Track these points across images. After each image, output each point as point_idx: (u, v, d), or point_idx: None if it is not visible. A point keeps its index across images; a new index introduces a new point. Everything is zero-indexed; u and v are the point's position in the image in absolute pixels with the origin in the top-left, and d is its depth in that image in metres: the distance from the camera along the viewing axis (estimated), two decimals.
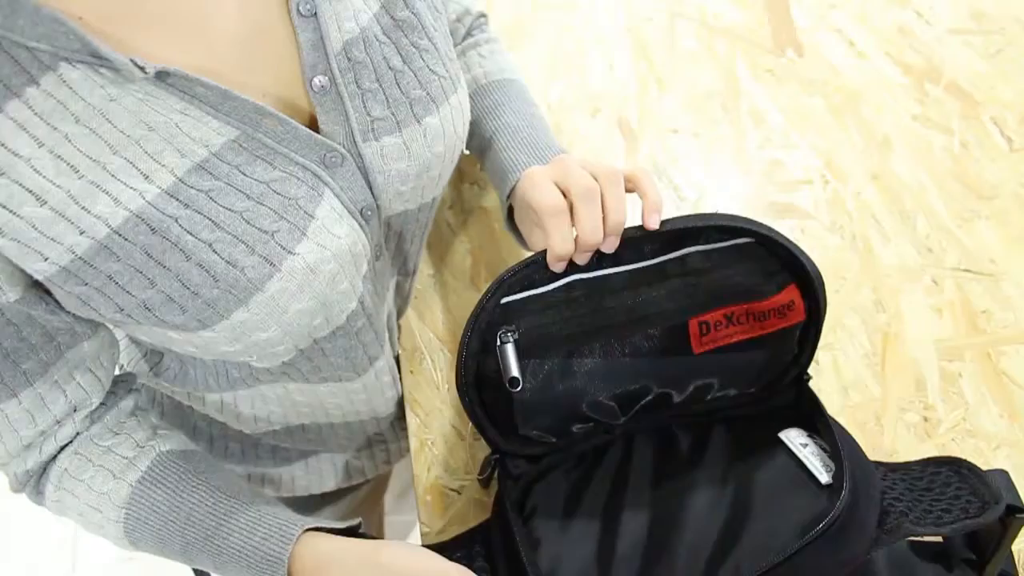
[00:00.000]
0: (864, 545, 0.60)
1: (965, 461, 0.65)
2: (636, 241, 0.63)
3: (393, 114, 0.62)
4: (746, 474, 0.64)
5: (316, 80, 0.59)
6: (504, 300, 0.63)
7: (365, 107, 0.61)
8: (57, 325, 0.58)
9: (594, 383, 0.67)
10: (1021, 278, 0.85)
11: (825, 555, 0.58)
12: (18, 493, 0.67)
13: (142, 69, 0.51)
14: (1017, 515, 0.61)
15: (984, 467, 0.71)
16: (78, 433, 0.64)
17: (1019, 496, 0.62)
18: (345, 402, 0.76)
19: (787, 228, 0.90)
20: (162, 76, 0.52)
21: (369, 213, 0.64)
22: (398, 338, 0.83)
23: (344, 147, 0.61)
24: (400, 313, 0.84)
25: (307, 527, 0.61)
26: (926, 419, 0.75)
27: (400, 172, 0.64)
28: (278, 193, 0.57)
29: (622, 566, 0.61)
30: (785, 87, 1.04)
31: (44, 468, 0.65)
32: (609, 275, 0.64)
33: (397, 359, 0.81)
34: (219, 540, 0.61)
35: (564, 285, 0.64)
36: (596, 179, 0.63)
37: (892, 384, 0.78)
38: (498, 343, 0.63)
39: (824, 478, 0.63)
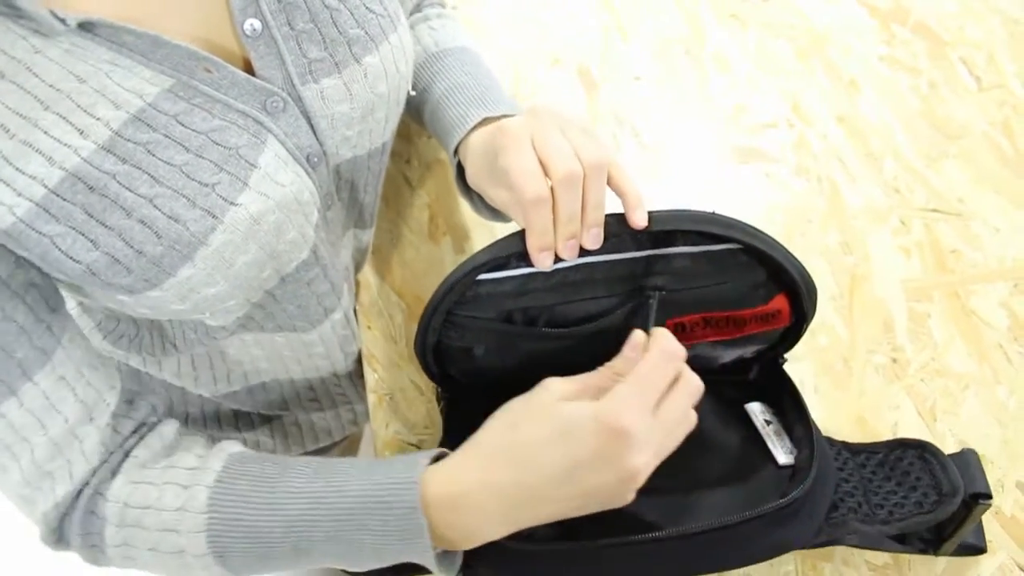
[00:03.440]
0: (807, 534, 0.59)
1: (930, 445, 0.63)
2: (621, 236, 0.58)
3: (331, 55, 0.60)
4: (702, 431, 0.62)
5: (248, 24, 0.57)
6: (478, 278, 0.58)
7: (301, 49, 0.59)
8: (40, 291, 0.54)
9: (558, 362, 0.63)
10: (990, 217, 0.83)
11: (768, 533, 0.57)
12: (57, 549, 0.58)
13: (63, 21, 0.48)
14: (981, 501, 0.59)
15: (953, 407, 0.71)
16: (108, 452, 0.58)
17: (985, 479, 0.60)
18: (304, 356, 0.74)
19: (752, 172, 0.88)
20: (86, 27, 0.50)
21: (316, 160, 0.61)
22: (356, 293, 0.81)
23: (284, 91, 0.58)
24: (358, 268, 0.82)
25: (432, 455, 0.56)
26: (895, 360, 0.74)
27: (344, 115, 0.62)
28: (218, 144, 0.54)
29: None
30: (750, 31, 1.01)
31: (87, 509, 0.57)
32: (591, 263, 0.59)
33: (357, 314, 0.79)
34: (332, 497, 0.55)
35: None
36: (581, 162, 0.56)
37: (860, 326, 0.76)
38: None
39: (782, 459, 0.61)
